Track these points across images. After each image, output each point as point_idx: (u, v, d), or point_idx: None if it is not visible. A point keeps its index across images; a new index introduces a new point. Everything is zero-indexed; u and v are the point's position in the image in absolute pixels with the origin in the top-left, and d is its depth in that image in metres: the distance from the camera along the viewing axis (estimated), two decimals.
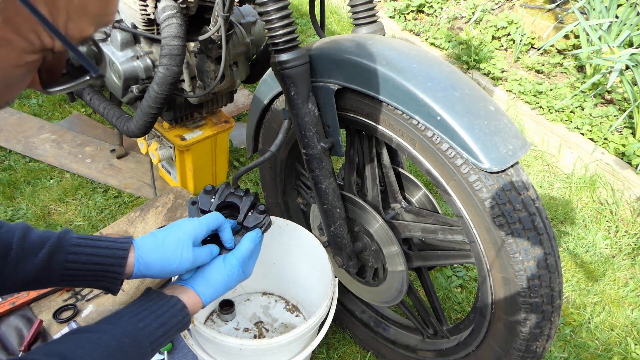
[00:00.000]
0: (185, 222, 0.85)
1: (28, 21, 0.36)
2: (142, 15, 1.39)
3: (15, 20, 0.36)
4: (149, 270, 0.82)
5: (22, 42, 0.38)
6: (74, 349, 0.64)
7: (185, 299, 0.81)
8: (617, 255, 1.80)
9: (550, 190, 2.08)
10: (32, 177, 1.93)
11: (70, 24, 0.39)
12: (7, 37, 0.36)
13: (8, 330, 1.31)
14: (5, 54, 0.37)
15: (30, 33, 0.37)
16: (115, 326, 0.70)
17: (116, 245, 0.80)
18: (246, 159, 2.11)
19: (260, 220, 0.95)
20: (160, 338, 0.74)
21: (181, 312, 0.79)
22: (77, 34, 0.40)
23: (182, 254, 0.82)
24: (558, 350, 1.48)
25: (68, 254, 0.78)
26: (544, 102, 2.35)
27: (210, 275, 0.86)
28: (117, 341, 0.68)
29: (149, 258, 0.81)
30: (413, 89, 0.85)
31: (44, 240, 0.78)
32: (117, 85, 1.49)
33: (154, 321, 0.74)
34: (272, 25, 0.93)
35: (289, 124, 1.07)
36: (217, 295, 0.86)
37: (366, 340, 1.40)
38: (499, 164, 0.82)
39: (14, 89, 0.41)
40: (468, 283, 1.66)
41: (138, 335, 0.71)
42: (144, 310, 0.75)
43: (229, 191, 0.97)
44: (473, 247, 0.93)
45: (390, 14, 3.24)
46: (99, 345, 0.66)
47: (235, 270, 0.87)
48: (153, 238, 0.83)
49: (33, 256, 0.76)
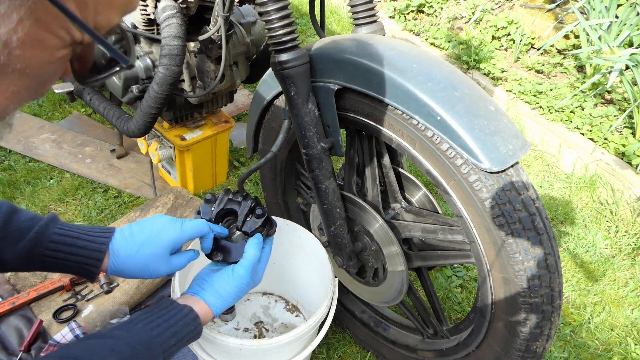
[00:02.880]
0: (166, 231, 0.84)
1: (57, 18, 0.37)
2: (142, 15, 1.39)
3: (45, 19, 0.36)
4: (123, 275, 0.84)
5: (53, 40, 0.38)
6: (88, 353, 0.65)
7: (197, 309, 0.82)
8: (617, 255, 1.80)
9: (550, 190, 2.08)
10: (32, 177, 1.93)
11: (98, 17, 0.40)
12: (39, 36, 0.37)
13: (8, 330, 1.31)
14: (38, 52, 0.38)
15: (60, 30, 0.38)
16: (130, 333, 0.71)
17: (93, 246, 0.81)
18: (246, 159, 2.11)
19: (258, 224, 0.94)
20: (173, 347, 0.75)
21: (193, 322, 0.80)
22: (105, 25, 0.41)
23: (156, 268, 0.83)
24: (558, 350, 1.48)
25: (47, 250, 0.79)
26: (544, 102, 2.35)
27: (220, 287, 0.87)
28: (130, 348, 0.69)
29: (122, 267, 0.83)
30: (413, 89, 0.85)
31: (24, 230, 0.79)
32: (117, 85, 1.49)
33: (167, 330, 0.75)
34: (272, 25, 0.92)
35: (289, 124, 1.07)
36: (228, 305, 0.87)
37: (366, 340, 1.40)
38: (499, 164, 0.82)
39: (47, 83, 0.42)
40: (468, 283, 1.66)
41: (151, 343, 0.72)
42: (158, 319, 0.76)
43: (228, 198, 0.97)
44: (473, 247, 0.93)
45: (390, 14, 3.24)
46: (113, 351, 0.67)
47: (244, 281, 0.88)
48: (128, 245, 0.83)
49: (13, 246, 0.78)
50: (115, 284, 1.44)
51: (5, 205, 0.80)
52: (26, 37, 0.36)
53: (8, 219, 0.78)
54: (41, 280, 1.45)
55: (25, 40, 0.36)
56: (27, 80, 0.39)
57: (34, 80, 0.40)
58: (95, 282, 1.43)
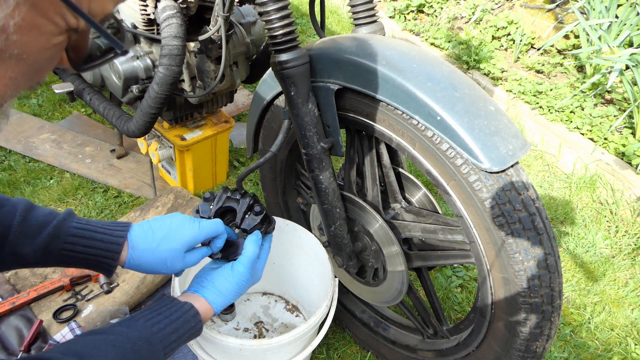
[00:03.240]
0: (184, 229, 0.86)
1: (53, 4, 0.38)
2: (142, 15, 1.39)
3: (41, 4, 0.37)
4: (139, 269, 0.85)
5: (49, 25, 0.39)
6: (90, 349, 0.65)
7: (197, 306, 0.82)
8: (617, 255, 1.80)
9: (550, 190, 2.08)
10: (32, 177, 1.93)
11: (92, 4, 0.41)
12: (35, 21, 0.38)
13: (8, 330, 1.31)
14: (35, 38, 0.39)
15: (56, 15, 0.39)
16: (130, 329, 0.72)
17: (111, 239, 0.82)
18: (246, 159, 2.11)
19: (257, 221, 0.94)
20: (173, 343, 0.76)
21: (194, 319, 0.80)
22: (99, 12, 0.42)
23: (173, 263, 0.85)
24: (558, 350, 1.48)
25: (65, 243, 0.80)
26: (544, 102, 2.35)
27: (220, 284, 0.88)
28: (131, 343, 0.69)
29: (140, 260, 0.84)
30: (413, 89, 0.85)
31: (42, 225, 0.79)
32: (117, 85, 1.49)
33: (167, 326, 0.76)
34: (272, 25, 0.93)
35: (289, 124, 1.07)
36: (228, 303, 0.88)
37: (366, 340, 1.40)
38: (499, 164, 0.82)
39: (44, 71, 0.43)
40: (468, 283, 1.66)
41: (152, 339, 0.72)
42: (158, 315, 0.76)
43: (227, 196, 0.97)
44: (473, 247, 0.93)
45: (390, 14, 3.24)
46: (114, 347, 0.67)
47: (244, 277, 0.89)
48: (148, 240, 0.84)
49: (31, 241, 0.78)
50: (115, 284, 1.44)
51: (22, 202, 0.80)
52: (23, 22, 0.37)
53: (26, 214, 0.79)
54: (41, 280, 1.45)
55: (22, 25, 0.37)
56: (25, 66, 0.40)
57: (31, 66, 0.41)
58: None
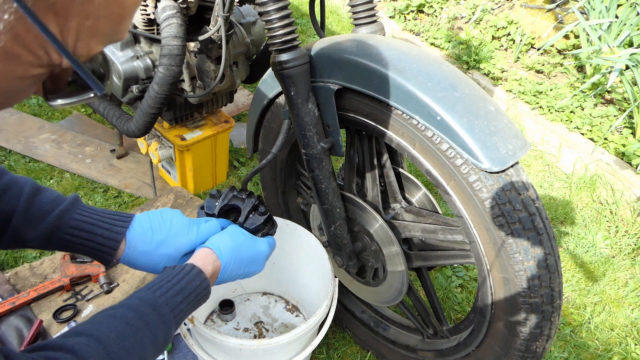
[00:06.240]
0: (183, 234, 0.86)
1: (37, 38, 0.37)
2: (142, 15, 1.39)
3: (24, 36, 0.36)
4: (134, 267, 0.86)
5: (29, 57, 0.38)
6: (91, 324, 0.65)
7: (201, 264, 0.80)
8: (617, 255, 1.80)
9: (550, 190, 2.08)
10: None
11: (79, 43, 0.39)
12: (16, 51, 0.37)
13: (8, 330, 1.31)
14: (13, 67, 0.38)
15: (39, 49, 0.38)
16: (130, 299, 0.71)
17: (110, 235, 0.82)
18: (246, 159, 2.11)
19: (260, 221, 0.95)
20: (181, 304, 0.74)
21: (198, 277, 0.78)
22: (85, 52, 0.40)
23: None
24: (558, 350, 1.48)
25: (65, 234, 0.80)
26: (544, 102, 2.35)
27: (235, 243, 0.87)
28: (133, 311, 0.68)
29: (136, 260, 0.84)
30: (413, 89, 0.85)
31: (46, 213, 0.80)
32: (117, 85, 1.49)
33: (170, 289, 0.74)
34: (272, 25, 0.93)
35: (289, 124, 1.07)
36: (237, 264, 0.86)
37: (366, 340, 1.40)
38: (498, 164, 0.82)
39: (17, 98, 0.42)
40: (468, 283, 1.66)
41: (156, 303, 0.71)
42: (160, 282, 0.75)
43: (233, 194, 0.98)
44: (473, 247, 0.93)
45: (390, 14, 3.24)
46: (115, 318, 0.67)
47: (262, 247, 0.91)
48: (146, 242, 0.84)
49: (33, 227, 0.78)
50: (115, 284, 1.44)
51: (29, 185, 0.80)
52: (1, 50, 0.35)
53: (31, 200, 0.79)
54: (41, 280, 1.45)
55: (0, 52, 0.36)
56: None
57: (5, 92, 0.39)
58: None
